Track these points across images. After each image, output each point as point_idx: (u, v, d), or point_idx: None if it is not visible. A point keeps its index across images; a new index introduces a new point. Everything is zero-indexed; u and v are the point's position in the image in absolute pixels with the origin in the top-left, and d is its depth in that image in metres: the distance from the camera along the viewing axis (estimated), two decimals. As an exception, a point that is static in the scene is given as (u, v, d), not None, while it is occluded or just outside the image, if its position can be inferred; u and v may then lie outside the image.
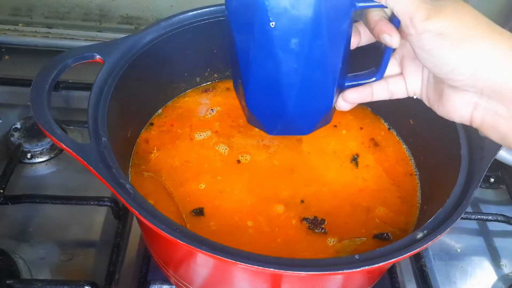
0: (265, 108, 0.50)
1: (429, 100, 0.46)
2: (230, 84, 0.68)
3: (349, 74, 0.50)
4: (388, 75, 0.49)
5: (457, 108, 0.42)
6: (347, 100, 0.49)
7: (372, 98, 0.49)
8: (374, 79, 0.48)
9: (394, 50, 0.47)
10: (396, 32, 0.43)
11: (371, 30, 0.45)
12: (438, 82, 0.44)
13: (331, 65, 0.46)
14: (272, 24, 0.42)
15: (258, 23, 0.42)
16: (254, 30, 0.43)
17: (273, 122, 0.51)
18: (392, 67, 0.48)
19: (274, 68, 0.45)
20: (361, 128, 0.63)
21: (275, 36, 0.43)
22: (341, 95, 0.50)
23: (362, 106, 0.66)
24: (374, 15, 0.44)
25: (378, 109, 0.65)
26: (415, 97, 0.48)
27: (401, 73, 0.48)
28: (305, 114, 0.50)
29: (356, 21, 0.49)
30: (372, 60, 0.49)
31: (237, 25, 0.45)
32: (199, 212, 0.52)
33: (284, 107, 0.48)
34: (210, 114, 0.64)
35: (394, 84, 0.48)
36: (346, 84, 0.50)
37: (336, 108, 0.51)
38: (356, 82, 0.49)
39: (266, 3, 0.41)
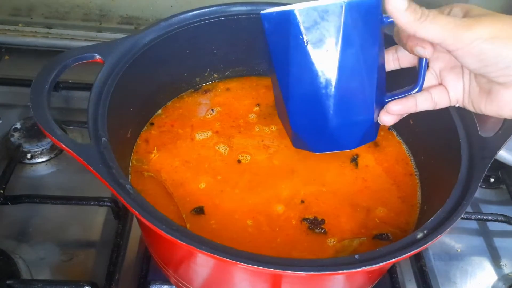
0: (308, 125, 0.51)
1: (473, 103, 0.48)
2: (230, 84, 0.68)
3: (387, 93, 0.52)
4: (429, 86, 0.50)
5: (508, 103, 0.44)
6: (391, 112, 0.50)
7: (416, 108, 0.50)
8: (414, 91, 0.50)
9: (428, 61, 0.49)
10: (428, 43, 0.44)
11: (404, 46, 0.47)
12: (484, 84, 0.46)
13: (366, 74, 0.48)
14: (305, 37, 0.45)
15: (293, 38, 0.46)
16: (290, 46, 0.46)
17: (317, 139, 0.53)
18: (430, 80, 0.50)
19: (311, 82, 0.47)
20: (361, 128, 0.63)
21: (309, 49, 0.46)
22: (384, 108, 0.50)
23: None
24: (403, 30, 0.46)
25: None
26: (457, 105, 0.50)
27: (441, 84, 0.50)
28: (347, 127, 0.51)
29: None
30: (408, 81, 0.51)
31: (274, 44, 0.48)
32: (200, 210, 0.52)
33: (325, 121, 0.50)
34: (211, 114, 0.64)
35: (437, 94, 0.49)
36: (386, 100, 0.51)
37: (380, 122, 0.51)
38: (396, 97, 0.51)
39: (298, 18, 0.44)
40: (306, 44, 0.45)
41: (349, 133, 0.51)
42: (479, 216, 0.67)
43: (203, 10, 0.60)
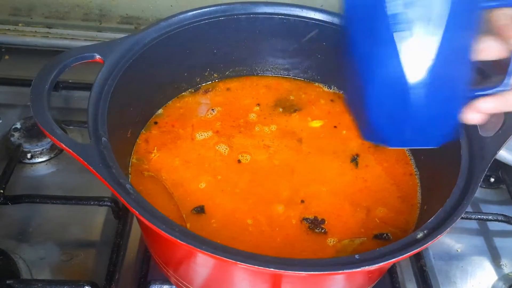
0: (388, 116, 0.47)
1: None
2: (230, 84, 0.68)
3: (474, 88, 0.46)
4: None
5: None
6: (481, 109, 0.44)
7: (508, 108, 0.44)
8: (507, 88, 0.44)
9: None
10: None
11: (497, 34, 0.42)
12: None
13: (460, 64, 0.43)
14: (396, 17, 0.40)
15: (381, 17, 0.40)
16: (377, 25, 0.41)
17: (395, 132, 0.48)
18: None
19: (398, 68, 0.42)
20: (361, 128, 0.63)
21: (399, 29, 0.40)
22: (472, 105, 0.45)
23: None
24: (501, 17, 0.42)
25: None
26: None
27: None
28: (430, 122, 0.46)
29: None
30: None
31: (356, 21, 0.43)
32: (200, 210, 0.52)
33: (408, 113, 0.45)
34: (211, 114, 0.64)
35: None
36: (473, 94, 0.46)
37: (466, 121, 0.46)
38: (484, 92, 0.45)
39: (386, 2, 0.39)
40: (396, 24, 0.40)
41: (431, 128, 0.47)
42: (479, 216, 0.67)
43: (203, 10, 0.60)
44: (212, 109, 0.64)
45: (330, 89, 0.68)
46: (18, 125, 0.72)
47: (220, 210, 0.53)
